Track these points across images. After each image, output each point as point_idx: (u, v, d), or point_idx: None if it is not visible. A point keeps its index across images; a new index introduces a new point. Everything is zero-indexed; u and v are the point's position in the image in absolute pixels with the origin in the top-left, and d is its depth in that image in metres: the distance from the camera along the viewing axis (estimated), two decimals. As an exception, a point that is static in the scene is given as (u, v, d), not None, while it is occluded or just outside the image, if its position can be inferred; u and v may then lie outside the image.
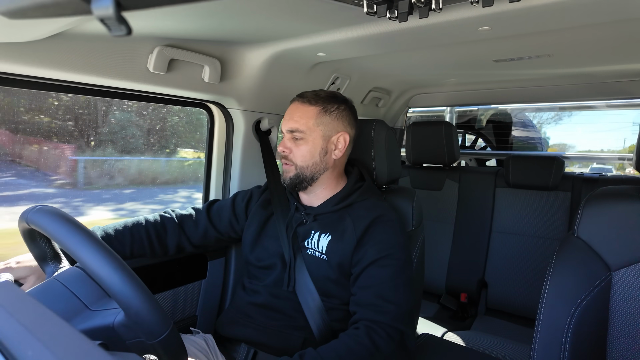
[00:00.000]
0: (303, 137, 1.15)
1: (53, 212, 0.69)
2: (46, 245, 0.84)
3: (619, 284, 0.88)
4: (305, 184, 1.18)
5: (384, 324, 0.98)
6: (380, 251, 1.07)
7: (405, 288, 1.06)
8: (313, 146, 1.15)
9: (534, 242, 2.06)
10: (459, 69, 1.75)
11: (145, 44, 1.14)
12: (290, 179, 1.17)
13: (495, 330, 1.94)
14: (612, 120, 4.55)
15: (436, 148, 2.22)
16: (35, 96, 1.78)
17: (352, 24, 1.09)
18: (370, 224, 1.11)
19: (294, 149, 1.16)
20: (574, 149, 4.17)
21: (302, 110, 1.16)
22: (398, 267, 1.06)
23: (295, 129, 1.15)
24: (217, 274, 1.51)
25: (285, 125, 1.18)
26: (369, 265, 1.07)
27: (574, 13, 0.93)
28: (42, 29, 0.89)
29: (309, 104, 1.17)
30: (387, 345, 0.95)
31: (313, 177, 1.17)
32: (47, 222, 0.68)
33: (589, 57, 1.46)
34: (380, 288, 1.04)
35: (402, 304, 1.03)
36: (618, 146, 4.49)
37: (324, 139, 1.16)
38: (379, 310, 1.00)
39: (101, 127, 2.81)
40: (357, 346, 0.93)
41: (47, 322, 0.37)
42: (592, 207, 0.95)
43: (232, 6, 0.92)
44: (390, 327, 0.98)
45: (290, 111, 1.19)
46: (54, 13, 0.29)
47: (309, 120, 1.15)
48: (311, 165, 1.16)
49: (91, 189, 3.27)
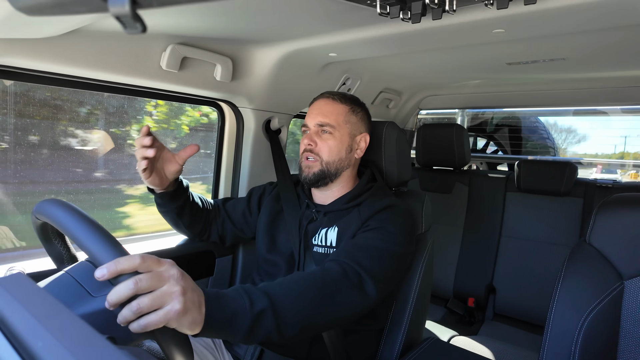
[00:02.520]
0: (332, 131, 1.17)
1: (53, 201, 0.71)
2: (62, 246, 0.86)
3: (631, 294, 0.86)
4: (327, 179, 1.18)
5: (343, 262, 0.94)
6: (379, 222, 1.06)
7: (383, 258, 1.00)
8: (341, 142, 1.17)
9: (544, 248, 2.03)
10: (472, 71, 1.73)
11: (159, 42, 1.15)
12: (314, 174, 1.17)
13: (502, 336, 1.91)
14: (609, 125, 4.52)
15: (446, 150, 2.21)
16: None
17: (365, 25, 1.09)
18: (379, 210, 1.10)
19: (320, 143, 1.17)
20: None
21: (333, 106, 1.18)
22: (387, 237, 1.03)
23: (326, 123, 1.16)
24: (225, 271, 1.52)
25: (313, 120, 1.18)
26: (363, 232, 1.06)
27: (589, 17, 0.91)
28: (59, 26, 0.90)
29: (339, 101, 1.19)
30: (341, 279, 0.90)
31: (337, 172, 1.18)
32: (46, 208, 0.70)
33: (603, 62, 1.44)
34: (359, 241, 1.02)
35: (373, 260, 0.98)
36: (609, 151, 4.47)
37: (350, 137, 1.19)
38: (346, 252, 0.98)
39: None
40: (310, 275, 0.88)
41: (58, 314, 0.38)
42: (606, 214, 0.94)
43: (245, 5, 0.93)
44: (348, 266, 0.94)
45: (319, 106, 1.19)
46: (72, 10, 0.30)
47: (339, 117, 1.18)
48: (337, 161, 1.17)
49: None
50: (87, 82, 1.15)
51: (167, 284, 0.62)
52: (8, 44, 0.92)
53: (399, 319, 1.22)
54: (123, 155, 1.75)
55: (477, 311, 2.17)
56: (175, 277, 0.63)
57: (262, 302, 0.75)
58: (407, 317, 1.21)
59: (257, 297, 0.75)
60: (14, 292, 0.41)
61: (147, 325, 0.59)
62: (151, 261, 0.62)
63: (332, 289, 0.87)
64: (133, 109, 1.75)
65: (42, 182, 1.46)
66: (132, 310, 0.58)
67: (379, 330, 1.22)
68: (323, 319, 0.86)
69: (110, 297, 0.58)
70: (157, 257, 0.64)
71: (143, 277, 0.60)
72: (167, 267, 0.64)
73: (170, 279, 0.63)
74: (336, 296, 0.87)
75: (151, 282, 0.60)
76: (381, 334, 1.23)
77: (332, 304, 0.87)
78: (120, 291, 0.58)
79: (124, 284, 0.58)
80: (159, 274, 0.62)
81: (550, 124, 3.54)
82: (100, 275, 0.58)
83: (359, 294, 0.92)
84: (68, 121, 1.51)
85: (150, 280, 0.60)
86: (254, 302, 0.74)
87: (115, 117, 1.67)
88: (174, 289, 0.62)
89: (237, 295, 0.74)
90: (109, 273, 0.58)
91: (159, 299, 0.60)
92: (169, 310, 0.60)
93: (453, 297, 2.25)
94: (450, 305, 2.22)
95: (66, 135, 1.53)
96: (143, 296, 0.59)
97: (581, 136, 4.34)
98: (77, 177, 1.58)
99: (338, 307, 0.88)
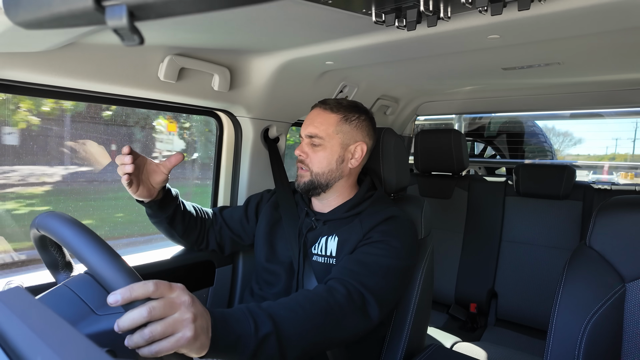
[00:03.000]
0: (321, 143, 1.16)
1: (58, 216, 0.70)
2: (57, 253, 0.85)
3: (633, 296, 0.86)
4: (319, 190, 1.18)
5: (347, 282, 0.94)
6: (382, 236, 1.06)
7: (388, 276, 1.00)
8: (330, 153, 1.16)
9: (545, 251, 2.03)
10: (468, 77, 1.75)
11: (157, 53, 1.16)
12: (305, 184, 1.17)
13: (505, 342, 1.90)
14: (603, 128, 4.58)
15: (445, 156, 2.21)
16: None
17: (361, 33, 1.10)
18: (381, 221, 1.10)
19: (311, 155, 1.17)
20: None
21: (323, 117, 1.17)
22: (390, 252, 1.03)
23: (315, 135, 1.15)
24: (225, 281, 1.51)
25: (304, 130, 1.19)
26: (365, 245, 1.06)
27: (584, 21, 0.92)
28: (57, 39, 0.91)
29: (331, 111, 1.17)
30: (346, 302, 0.90)
31: (327, 184, 1.17)
32: (52, 225, 0.69)
33: (598, 65, 1.45)
34: (362, 257, 1.02)
35: (377, 278, 0.98)
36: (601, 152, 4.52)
37: (342, 147, 1.16)
38: (349, 272, 0.97)
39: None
40: (316, 297, 0.88)
41: (57, 328, 0.37)
42: (605, 217, 0.94)
43: (242, 16, 0.94)
44: (352, 287, 0.93)
45: (312, 116, 1.19)
46: (70, 24, 0.30)
47: (329, 127, 1.16)
48: (327, 172, 1.16)
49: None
50: (86, 94, 1.15)
51: (179, 311, 0.63)
52: (6, 57, 0.93)
53: (400, 326, 1.21)
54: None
55: (480, 317, 2.16)
56: (187, 303, 0.64)
57: (266, 326, 0.76)
58: (408, 324, 1.20)
59: (261, 320, 0.76)
60: (13, 306, 0.41)
61: (158, 351, 0.60)
62: (164, 287, 0.63)
63: (336, 314, 0.87)
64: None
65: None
66: (144, 337, 0.59)
67: (381, 337, 1.21)
68: (325, 343, 0.87)
69: (122, 323, 0.59)
70: (168, 283, 0.65)
71: (156, 305, 0.60)
72: (178, 294, 0.65)
73: (182, 305, 0.64)
74: (340, 321, 0.88)
75: (164, 310, 0.61)
76: (383, 341, 1.22)
77: (336, 329, 0.87)
78: (134, 318, 0.59)
79: (137, 311, 0.59)
80: (171, 300, 0.63)
81: (548, 128, 3.56)
82: (114, 301, 0.58)
83: (362, 318, 0.93)
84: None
85: (163, 308, 0.61)
86: (259, 326, 0.75)
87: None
88: (185, 317, 0.63)
89: (243, 317, 0.75)
90: (123, 300, 0.59)
91: (171, 327, 0.61)
92: (180, 337, 0.61)
93: (455, 303, 2.24)
94: (452, 311, 2.21)
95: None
96: (155, 323, 0.60)
97: (577, 139, 4.39)
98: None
99: (341, 332, 0.89)
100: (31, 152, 1.43)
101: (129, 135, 1.79)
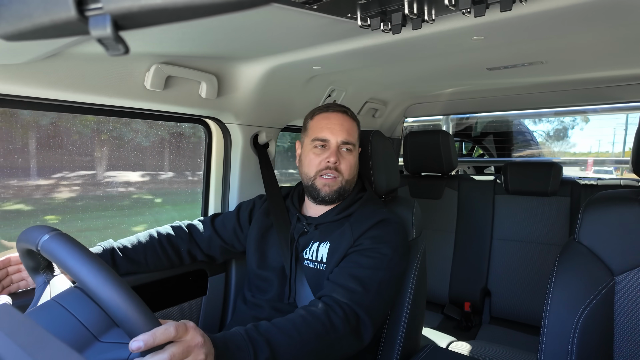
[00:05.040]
0: (352, 149, 1.19)
1: (66, 243, 0.67)
2: (42, 258, 0.83)
3: (622, 289, 0.88)
4: (343, 196, 1.19)
5: (344, 303, 0.95)
6: (372, 243, 1.07)
7: (382, 290, 1.02)
8: (355, 159, 1.21)
9: (536, 248, 2.05)
10: (454, 78, 1.77)
11: (142, 62, 1.15)
12: (335, 191, 1.16)
13: (500, 339, 1.91)
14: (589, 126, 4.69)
15: (434, 157, 2.23)
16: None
17: (347, 37, 1.11)
18: (371, 226, 1.11)
19: (343, 161, 1.18)
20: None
21: (351, 124, 1.21)
22: (382, 263, 1.04)
23: (350, 141, 1.18)
24: (218, 290, 1.50)
25: (336, 136, 1.16)
26: (356, 252, 1.07)
27: (566, 21, 0.94)
28: (40, 50, 0.89)
29: (352, 118, 1.22)
30: (342, 325, 0.92)
31: (351, 188, 1.21)
32: (60, 253, 0.66)
33: (581, 64, 1.48)
34: (356, 271, 1.02)
35: (372, 295, 0.99)
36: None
37: (358, 152, 1.24)
38: (344, 290, 0.98)
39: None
40: (313, 319, 0.89)
41: (47, 344, 0.37)
42: (592, 212, 0.95)
43: (228, 23, 0.93)
44: (349, 309, 0.95)
45: (339, 121, 1.18)
46: (52, 34, 0.30)
47: (356, 134, 1.22)
48: (352, 178, 1.20)
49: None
50: (71, 105, 1.14)
51: (193, 354, 0.67)
52: (-12, 70, 0.91)
53: (395, 328, 1.21)
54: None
55: (474, 315, 2.17)
56: (200, 344, 0.68)
57: (264, 352, 0.79)
58: (403, 326, 1.20)
59: (260, 347, 0.79)
60: (0, 323, 0.40)
61: None
62: (182, 330, 0.66)
63: (331, 337, 0.90)
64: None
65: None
66: None
67: (376, 340, 1.21)
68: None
69: None
70: (184, 324, 0.68)
71: (176, 351, 0.64)
72: (192, 335, 0.68)
73: (196, 347, 0.67)
74: (334, 345, 0.90)
75: (182, 356, 0.65)
76: (378, 344, 1.22)
77: (329, 351, 0.90)
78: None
79: (159, 358, 0.62)
80: (187, 344, 0.66)
81: (537, 126, 3.62)
82: (137, 348, 0.61)
83: (355, 340, 0.95)
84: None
85: (182, 354, 0.65)
86: (258, 354, 0.78)
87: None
88: (199, 358, 0.67)
89: (243, 345, 0.78)
90: (146, 347, 0.61)
91: None
92: None
93: (449, 303, 2.25)
94: (446, 310, 2.22)
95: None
96: None
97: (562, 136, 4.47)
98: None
99: (334, 354, 0.92)
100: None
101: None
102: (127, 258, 1.17)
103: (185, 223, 1.34)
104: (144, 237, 1.23)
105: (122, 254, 1.15)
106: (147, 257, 1.21)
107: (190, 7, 0.25)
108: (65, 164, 1.44)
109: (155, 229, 1.28)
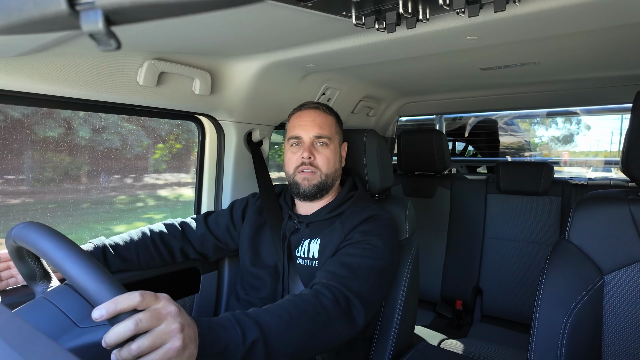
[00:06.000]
0: (328, 143, 1.19)
1: (38, 227, 0.67)
2: (35, 264, 0.82)
3: (611, 287, 0.89)
4: (324, 191, 1.19)
5: (333, 286, 0.94)
6: (363, 236, 1.07)
7: (370, 277, 1.01)
8: (334, 153, 1.20)
9: (527, 247, 2.07)
10: (447, 77, 1.77)
11: (135, 58, 1.14)
12: (314, 186, 1.17)
13: (491, 337, 1.93)
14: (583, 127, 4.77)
15: (427, 156, 2.24)
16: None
17: (342, 36, 1.11)
18: (361, 222, 1.11)
19: (318, 155, 1.18)
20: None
21: (323, 118, 1.21)
22: (372, 252, 1.04)
23: (323, 135, 1.18)
24: (211, 287, 1.49)
25: (308, 131, 1.18)
26: (347, 245, 1.07)
27: (559, 21, 0.95)
28: (31, 44, 0.88)
29: (327, 112, 1.22)
30: (332, 306, 0.90)
31: (332, 183, 1.21)
32: (31, 237, 0.66)
33: (574, 64, 1.49)
34: (345, 259, 1.02)
35: (361, 281, 0.98)
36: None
37: (339, 146, 1.24)
38: (332, 275, 0.97)
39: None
40: (302, 301, 0.88)
41: (36, 342, 0.36)
42: (583, 212, 0.97)
43: (222, 19, 0.93)
44: (338, 291, 0.94)
45: (310, 117, 1.19)
46: (43, 29, 0.29)
47: (331, 128, 1.21)
48: (333, 172, 1.20)
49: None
50: (62, 101, 1.12)
51: (166, 322, 0.62)
52: (-23, 64, 0.89)
53: (387, 326, 1.22)
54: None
55: (466, 313, 2.19)
56: (173, 314, 0.63)
57: (253, 333, 0.75)
58: (395, 323, 1.21)
59: (249, 327, 0.75)
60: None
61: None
62: (149, 298, 0.62)
63: (323, 319, 0.87)
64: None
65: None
66: (132, 353, 0.58)
67: (369, 338, 1.22)
68: (312, 349, 0.87)
69: (108, 338, 0.57)
70: (154, 293, 0.63)
71: (143, 317, 0.59)
72: (164, 304, 0.63)
73: (168, 316, 0.62)
74: (327, 327, 0.88)
75: (151, 322, 0.60)
76: (371, 341, 1.22)
77: (323, 334, 0.87)
78: (120, 333, 0.57)
79: (123, 325, 0.58)
80: (157, 311, 0.62)
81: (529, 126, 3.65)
82: (99, 316, 0.57)
83: (348, 323, 0.93)
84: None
85: (150, 320, 0.60)
86: (246, 334, 0.74)
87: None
88: (172, 327, 0.62)
89: (230, 325, 0.74)
90: (108, 314, 0.57)
91: (159, 339, 0.60)
92: (169, 348, 0.60)
93: (441, 301, 2.26)
94: (438, 309, 2.24)
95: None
96: (143, 337, 0.59)
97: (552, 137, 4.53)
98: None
99: (328, 337, 0.89)
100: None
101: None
102: (118, 255, 1.16)
103: (178, 221, 1.33)
104: (136, 234, 1.22)
105: (113, 251, 1.14)
106: (139, 255, 1.20)
107: (182, 3, 0.25)
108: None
109: (147, 227, 1.27)
